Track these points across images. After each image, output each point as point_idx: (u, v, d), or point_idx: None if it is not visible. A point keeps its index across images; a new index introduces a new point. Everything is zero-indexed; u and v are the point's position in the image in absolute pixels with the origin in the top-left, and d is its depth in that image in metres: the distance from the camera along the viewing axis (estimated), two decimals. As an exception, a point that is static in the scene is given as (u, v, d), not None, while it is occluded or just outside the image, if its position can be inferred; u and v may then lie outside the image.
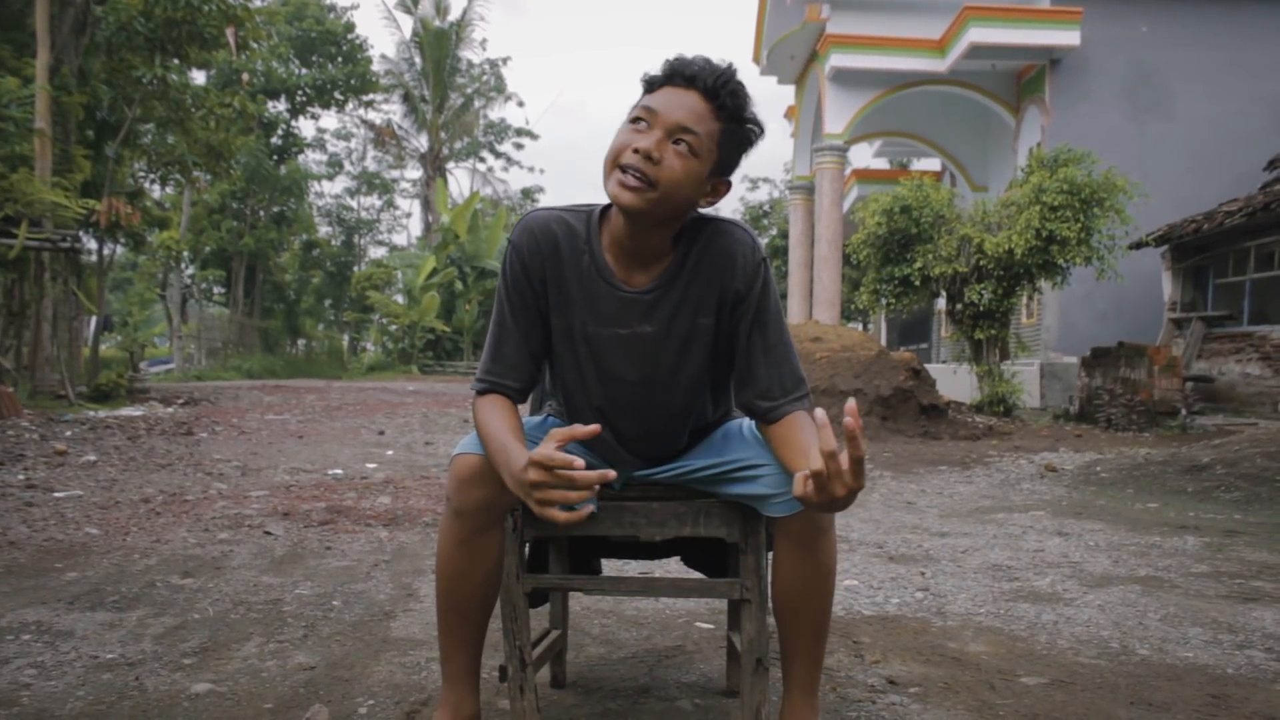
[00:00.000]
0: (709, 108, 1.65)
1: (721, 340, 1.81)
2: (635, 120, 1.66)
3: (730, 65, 1.68)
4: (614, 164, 1.65)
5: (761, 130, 1.73)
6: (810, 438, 1.64)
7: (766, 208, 38.61)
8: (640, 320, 1.78)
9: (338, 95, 33.21)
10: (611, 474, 1.53)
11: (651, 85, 1.69)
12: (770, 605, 1.82)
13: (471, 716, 1.86)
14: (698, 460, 1.87)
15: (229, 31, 15.38)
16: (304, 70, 32.77)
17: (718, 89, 1.65)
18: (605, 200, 1.73)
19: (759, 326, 1.77)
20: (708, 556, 2.26)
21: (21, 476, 5.89)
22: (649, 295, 1.77)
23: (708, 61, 1.67)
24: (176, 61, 15.42)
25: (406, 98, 38.08)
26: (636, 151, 1.62)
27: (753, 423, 1.85)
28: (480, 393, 1.79)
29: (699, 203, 1.71)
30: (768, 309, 1.78)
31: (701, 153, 1.65)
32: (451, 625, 1.83)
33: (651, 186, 1.62)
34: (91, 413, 10.62)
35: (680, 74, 1.66)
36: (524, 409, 2.00)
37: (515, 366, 1.81)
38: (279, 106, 32.77)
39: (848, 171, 21.24)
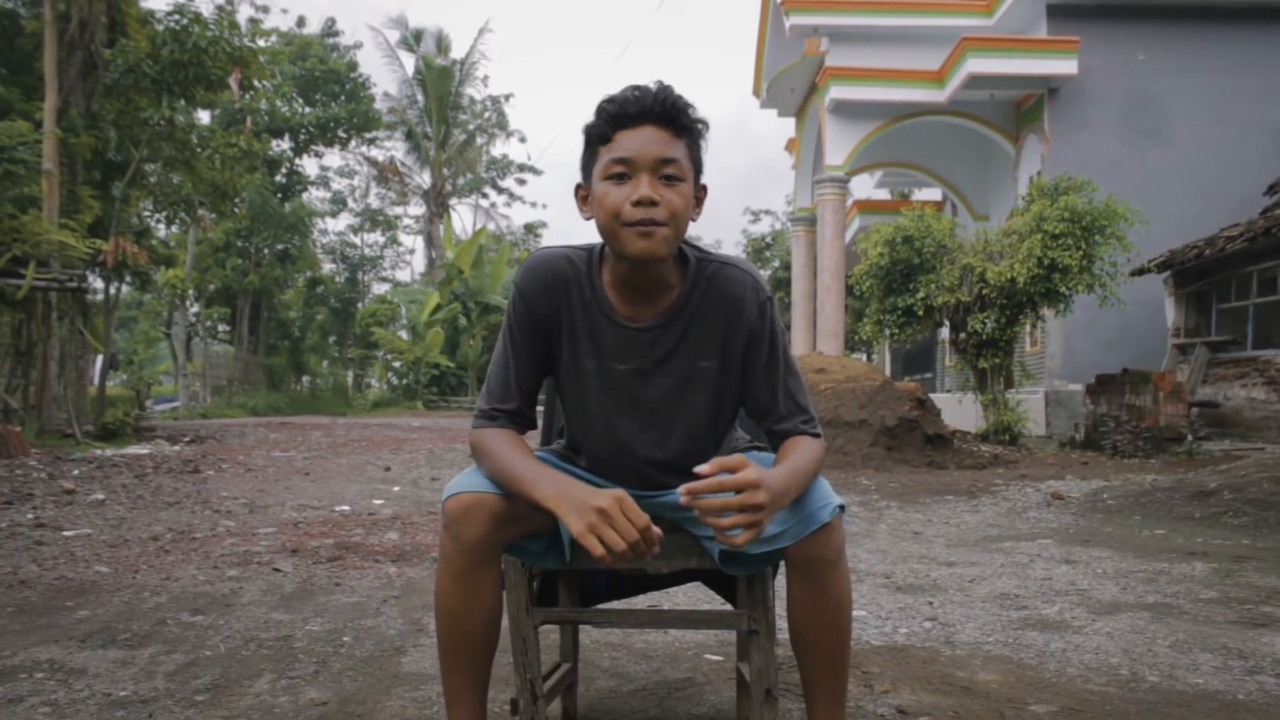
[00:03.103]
0: (669, 132, 1.68)
1: (730, 384, 1.83)
2: (614, 176, 1.68)
3: (663, 84, 1.70)
4: (619, 222, 1.67)
5: (707, 125, 1.75)
6: (794, 456, 1.72)
7: (769, 240, 38.70)
8: (640, 356, 1.80)
9: (341, 133, 33.49)
10: (656, 532, 1.56)
11: (604, 135, 1.70)
12: (790, 640, 1.81)
13: None
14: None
15: (233, 79, 15.55)
16: (307, 109, 33.07)
17: (670, 113, 1.68)
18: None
19: (773, 364, 1.81)
20: (726, 579, 2.24)
21: (31, 515, 5.91)
22: (650, 332, 1.79)
23: (646, 91, 1.68)
24: (183, 102, 15.60)
25: (409, 134, 38.37)
26: (639, 204, 1.64)
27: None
28: (483, 424, 1.81)
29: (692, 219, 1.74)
30: (778, 345, 1.82)
31: (685, 175, 1.69)
32: (456, 667, 1.78)
33: (664, 225, 1.66)
34: (99, 451, 10.64)
35: (631, 115, 1.67)
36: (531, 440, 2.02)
37: (518, 400, 1.83)
38: (283, 145, 33.02)
39: (849, 203, 21.34)
